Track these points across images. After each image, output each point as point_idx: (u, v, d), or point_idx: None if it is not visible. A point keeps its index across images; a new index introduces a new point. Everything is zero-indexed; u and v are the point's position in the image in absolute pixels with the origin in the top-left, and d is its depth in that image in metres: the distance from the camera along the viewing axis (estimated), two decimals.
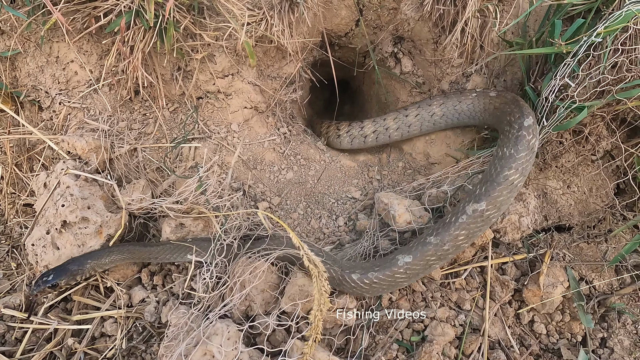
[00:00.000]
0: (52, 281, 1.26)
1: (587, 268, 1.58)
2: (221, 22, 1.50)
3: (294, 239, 1.18)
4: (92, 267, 1.33)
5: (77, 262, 1.31)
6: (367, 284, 1.23)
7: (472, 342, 1.34)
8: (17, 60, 1.60)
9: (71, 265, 1.30)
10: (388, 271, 1.23)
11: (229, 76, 1.64)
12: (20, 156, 1.70)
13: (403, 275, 1.25)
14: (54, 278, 1.27)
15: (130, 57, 1.49)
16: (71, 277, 1.29)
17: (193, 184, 1.45)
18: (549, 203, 1.68)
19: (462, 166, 1.60)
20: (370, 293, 1.29)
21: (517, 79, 1.66)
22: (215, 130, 1.68)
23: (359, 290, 1.26)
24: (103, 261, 1.35)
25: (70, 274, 1.29)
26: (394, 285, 1.29)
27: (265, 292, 1.29)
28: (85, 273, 1.32)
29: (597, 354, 1.43)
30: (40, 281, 1.27)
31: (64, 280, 1.28)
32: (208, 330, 1.13)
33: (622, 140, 1.47)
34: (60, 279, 1.27)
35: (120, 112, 1.64)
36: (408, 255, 1.25)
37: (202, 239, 1.42)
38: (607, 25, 1.26)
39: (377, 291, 1.28)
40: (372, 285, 1.24)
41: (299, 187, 1.70)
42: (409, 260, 1.24)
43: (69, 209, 1.36)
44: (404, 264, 1.24)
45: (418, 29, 1.75)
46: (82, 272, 1.31)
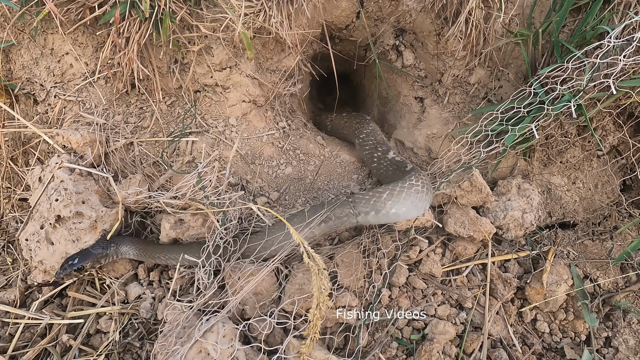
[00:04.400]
0: (78, 264, 1.29)
1: (592, 266, 1.55)
2: (218, 13, 1.46)
3: (294, 234, 1.15)
4: (115, 252, 1.35)
5: (102, 246, 1.34)
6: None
7: (473, 341, 1.31)
8: (11, 53, 1.58)
9: (96, 249, 1.33)
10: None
11: (226, 69, 1.60)
12: (15, 150, 1.68)
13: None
14: (79, 261, 1.29)
15: (126, 49, 1.46)
16: (96, 260, 1.31)
17: (192, 180, 1.42)
18: (553, 199, 1.65)
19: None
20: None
21: (522, 71, 1.62)
22: (213, 125, 1.65)
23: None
24: (124, 249, 1.36)
25: (95, 257, 1.31)
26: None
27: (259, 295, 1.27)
28: (109, 257, 1.35)
29: (601, 353, 1.40)
30: (67, 264, 1.29)
31: (89, 263, 1.30)
32: (204, 328, 1.11)
33: (630, 135, 1.44)
34: (85, 261, 1.30)
35: (116, 106, 1.62)
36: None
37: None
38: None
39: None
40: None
41: (297, 182, 1.67)
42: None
43: (62, 204, 1.34)
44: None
45: (420, 21, 1.71)
46: (105, 256, 1.34)
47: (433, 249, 1.46)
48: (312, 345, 1.08)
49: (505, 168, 1.65)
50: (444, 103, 1.81)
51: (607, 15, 1.36)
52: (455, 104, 1.79)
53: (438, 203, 1.52)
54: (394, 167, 1.52)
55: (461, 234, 1.42)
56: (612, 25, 1.31)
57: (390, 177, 1.51)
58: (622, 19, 1.34)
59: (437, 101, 1.84)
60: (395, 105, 2.05)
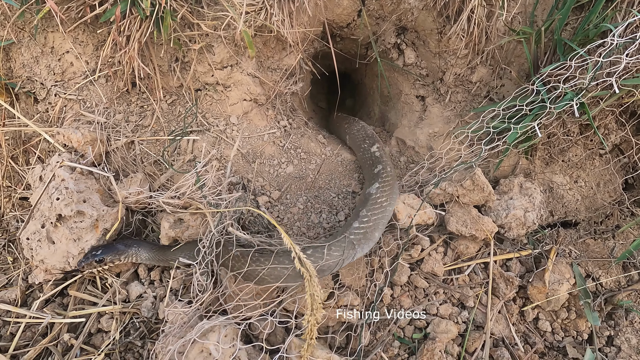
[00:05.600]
0: (100, 255, 1.32)
1: (594, 265, 1.55)
2: (219, 11, 1.46)
3: (286, 239, 1.14)
4: (134, 253, 1.37)
5: (125, 243, 1.37)
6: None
7: (475, 340, 1.31)
8: (12, 51, 1.57)
9: (119, 245, 1.36)
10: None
11: (227, 67, 1.60)
12: (16, 149, 1.68)
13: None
14: (102, 253, 1.32)
15: (127, 48, 1.45)
16: (116, 256, 1.34)
17: (191, 179, 1.42)
18: (555, 198, 1.64)
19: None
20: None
21: (524, 70, 1.62)
22: (214, 123, 1.64)
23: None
24: (144, 255, 1.39)
25: (117, 252, 1.34)
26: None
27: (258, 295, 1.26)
28: (129, 257, 1.37)
29: (603, 352, 1.40)
30: (90, 254, 1.33)
31: (109, 257, 1.33)
32: (205, 327, 1.11)
33: (632, 134, 1.43)
34: (107, 255, 1.33)
35: (116, 104, 1.61)
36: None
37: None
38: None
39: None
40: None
41: (299, 181, 1.67)
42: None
43: (63, 203, 1.33)
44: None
45: (422, 19, 1.70)
46: (126, 254, 1.36)
47: (435, 247, 1.46)
48: (310, 350, 1.07)
49: (507, 167, 1.65)
50: (446, 102, 1.80)
51: (610, 13, 1.35)
52: (457, 102, 1.78)
53: (440, 202, 1.51)
54: (370, 162, 1.62)
55: (463, 232, 1.42)
56: (615, 23, 1.30)
57: (366, 170, 1.63)
58: (625, 17, 1.34)
59: (439, 100, 1.83)
60: (397, 103, 2.05)
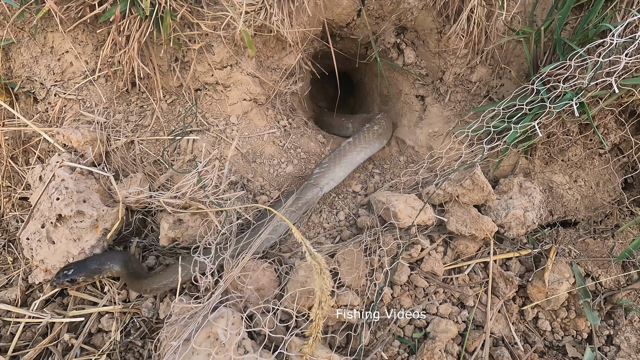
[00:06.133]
0: (72, 276, 1.27)
1: (594, 264, 1.55)
2: (219, 11, 1.46)
3: (296, 233, 1.15)
4: (110, 269, 1.31)
5: (97, 261, 1.31)
6: None
7: (475, 339, 1.31)
8: (11, 51, 1.57)
9: (91, 263, 1.30)
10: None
11: (227, 67, 1.60)
12: (15, 149, 1.67)
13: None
14: (73, 273, 1.27)
15: (126, 47, 1.45)
16: (90, 275, 1.29)
17: (192, 179, 1.42)
18: (555, 197, 1.64)
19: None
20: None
21: (524, 69, 1.62)
22: (214, 123, 1.64)
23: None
24: (117, 269, 1.32)
25: (90, 272, 1.29)
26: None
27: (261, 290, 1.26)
28: (104, 273, 1.31)
29: (603, 351, 1.40)
30: (61, 274, 1.28)
31: (82, 277, 1.28)
32: (212, 314, 1.12)
33: (632, 133, 1.43)
34: (79, 274, 1.27)
35: (116, 104, 1.61)
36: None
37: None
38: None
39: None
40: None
41: (299, 180, 1.67)
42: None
43: (63, 203, 1.33)
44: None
45: (422, 19, 1.70)
46: (99, 272, 1.30)
47: (435, 247, 1.46)
48: (314, 345, 1.08)
49: (506, 166, 1.65)
50: (445, 101, 1.80)
51: (609, 13, 1.35)
52: (456, 102, 1.78)
53: (439, 201, 1.51)
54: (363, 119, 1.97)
55: (463, 232, 1.42)
56: (615, 23, 1.30)
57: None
58: (625, 17, 1.34)
59: (439, 99, 1.83)
60: (396, 103, 2.05)
